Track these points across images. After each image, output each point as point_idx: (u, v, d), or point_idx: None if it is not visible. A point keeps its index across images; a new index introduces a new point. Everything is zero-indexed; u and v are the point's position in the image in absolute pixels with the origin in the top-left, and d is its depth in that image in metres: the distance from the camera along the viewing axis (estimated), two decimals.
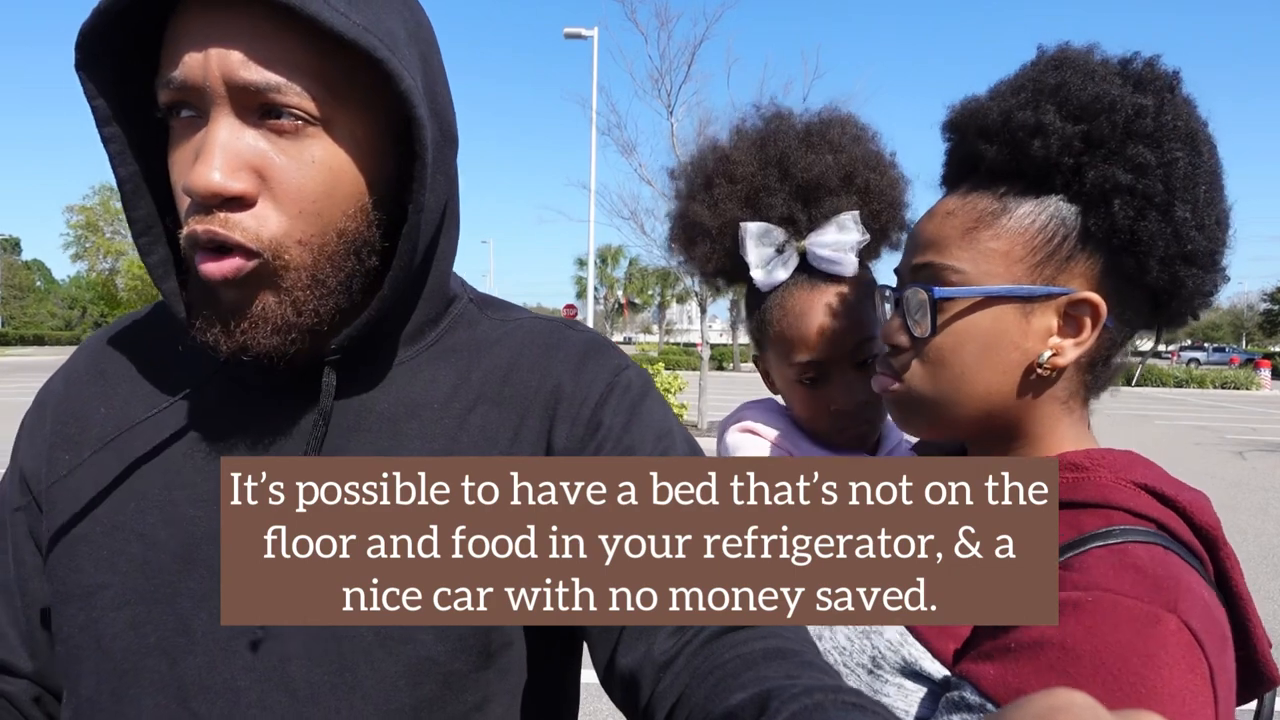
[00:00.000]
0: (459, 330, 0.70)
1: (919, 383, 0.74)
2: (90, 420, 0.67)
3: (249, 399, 0.64)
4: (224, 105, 0.54)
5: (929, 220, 0.75)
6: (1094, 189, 0.69)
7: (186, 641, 0.60)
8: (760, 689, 0.47)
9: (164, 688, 0.59)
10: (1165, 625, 0.56)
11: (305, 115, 0.55)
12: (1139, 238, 0.68)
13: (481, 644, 0.62)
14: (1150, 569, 0.60)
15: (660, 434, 0.66)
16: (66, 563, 0.63)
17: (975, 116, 0.73)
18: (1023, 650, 0.59)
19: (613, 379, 0.68)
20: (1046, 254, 0.70)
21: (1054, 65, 0.72)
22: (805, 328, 0.95)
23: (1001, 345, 0.71)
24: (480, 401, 0.66)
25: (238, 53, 0.53)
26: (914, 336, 0.74)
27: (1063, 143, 0.69)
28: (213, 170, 0.53)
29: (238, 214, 0.55)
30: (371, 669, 0.59)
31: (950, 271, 0.71)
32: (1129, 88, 0.69)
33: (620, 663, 0.58)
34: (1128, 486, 0.68)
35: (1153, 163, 0.67)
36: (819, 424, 1.00)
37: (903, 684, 0.68)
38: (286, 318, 0.58)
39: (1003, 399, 0.73)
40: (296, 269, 0.57)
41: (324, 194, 0.57)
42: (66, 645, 0.63)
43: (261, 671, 0.59)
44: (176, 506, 0.62)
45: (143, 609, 0.61)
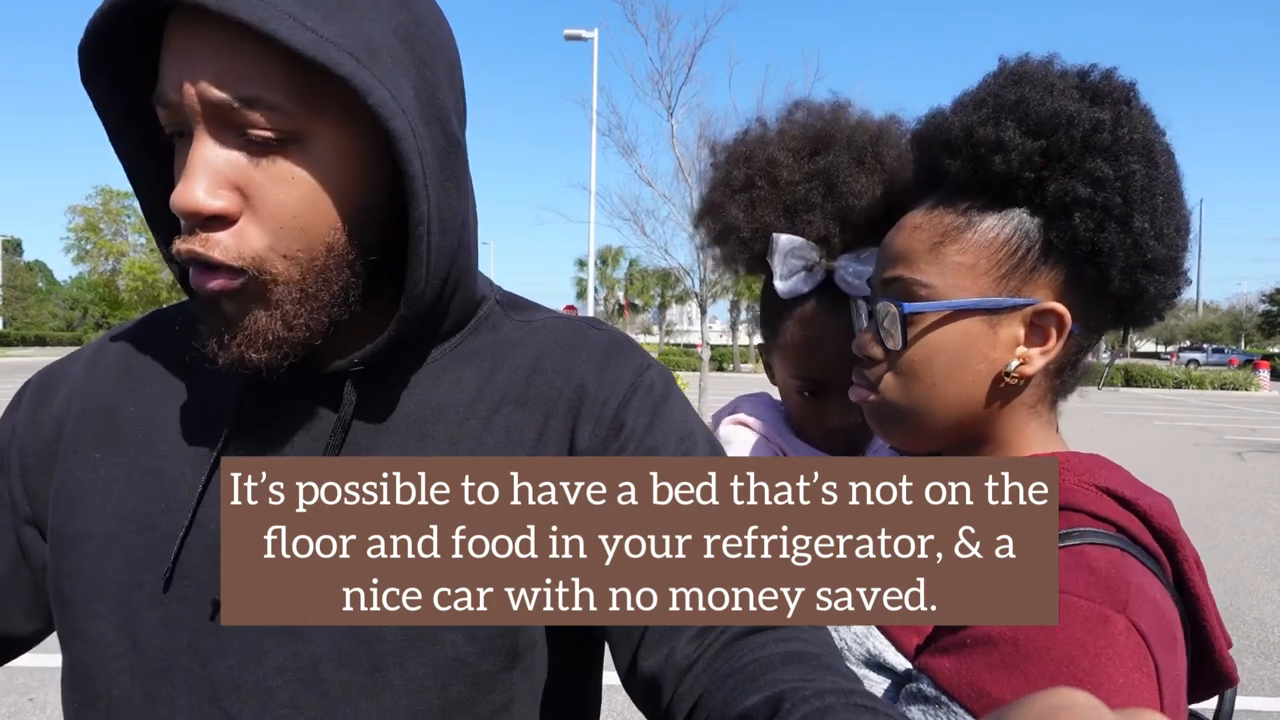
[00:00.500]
0: (483, 332, 0.70)
1: (893, 394, 0.76)
2: (119, 418, 0.67)
3: (277, 403, 0.64)
4: (201, 124, 0.54)
5: (897, 234, 0.77)
6: (1054, 202, 0.71)
7: (216, 641, 0.60)
8: (774, 691, 0.48)
9: (196, 687, 0.60)
10: (1114, 625, 0.59)
11: (280, 131, 0.55)
12: (1099, 248, 0.70)
13: (509, 644, 0.62)
14: (1104, 570, 0.62)
15: (683, 435, 0.66)
16: (98, 561, 0.63)
17: (939, 131, 0.75)
18: (977, 645, 0.61)
19: (636, 379, 0.68)
20: (1011, 266, 0.72)
21: (1013, 80, 0.73)
22: (816, 345, 0.95)
23: (970, 356, 0.73)
24: (505, 403, 0.66)
25: (208, 71, 0.53)
26: (886, 349, 0.76)
27: (1023, 158, 0.70)
28: (193, 189, 0.53)
29: (218, 233, 0.55)
30: (401, 670, 0.60)
31: (919, 285, 0.73)
32: (1086, 102, 0.71)
33: (642, 666, 0.58)
34: (1090, 490, 0.70)
35: (1110, 176, 0.69)
36: (811, 432, 1.01)
37: (866, 675, 0.70)
38: (276, 332, 0.58)
39: (973, 407, 0.75)
40: (284, 284, 0.57)
41: (306, 209, 0.57)
42: (93, 644, 0.62)
43: (293, 672, 0.59)
44: (204, 508, 0.62)
45: (176, 608, 0.61)
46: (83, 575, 0.63)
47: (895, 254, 0.76)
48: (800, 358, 0.97)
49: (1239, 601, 4.92)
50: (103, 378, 0.69)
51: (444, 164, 0.59)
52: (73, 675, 0.64)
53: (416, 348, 0.67)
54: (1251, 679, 3.82)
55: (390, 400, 0.65)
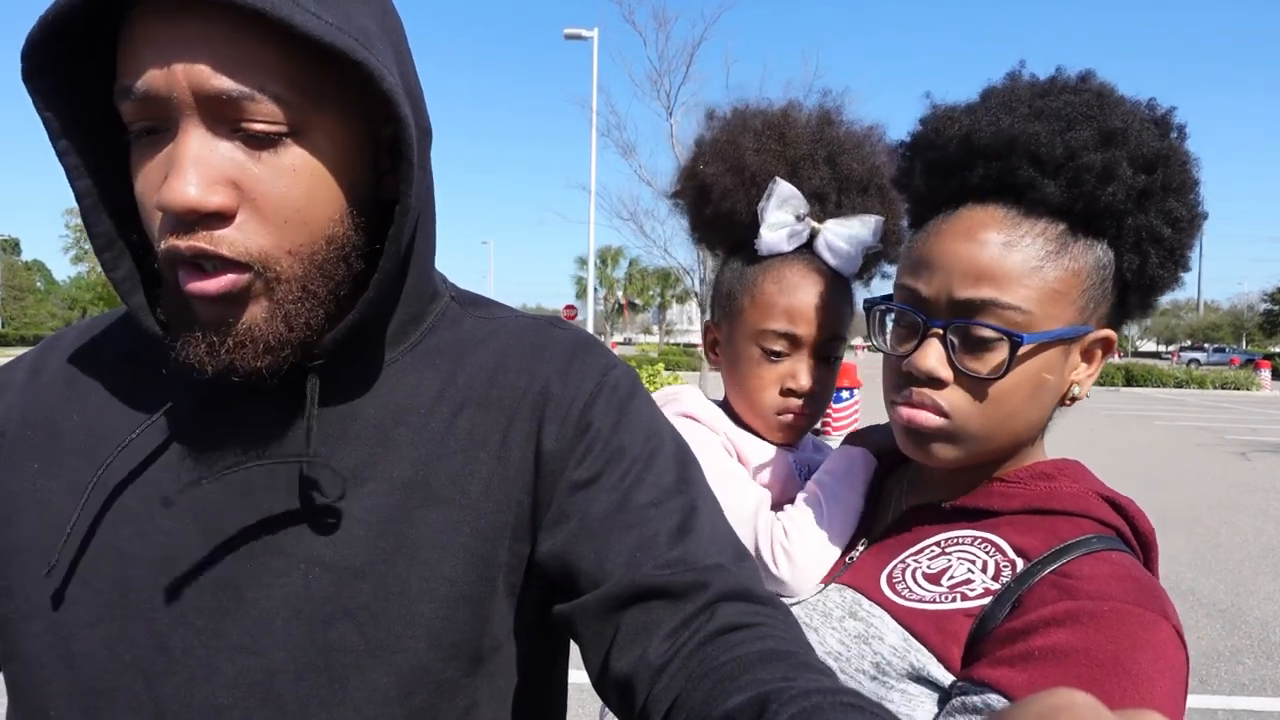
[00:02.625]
0: (442, 329, 0.68)
1: (968, 419, 0.73)
2: (61, 428, 0.63)
3: (229, 408, 0.61)
4: (193, 117, 0.51)
5: (976, 246, 0.71)
6: (1132, 236, 0.72)
7: (165, 660, 0.57)
8: (758, 691, 0.47)
9: (140, 708, 0.57)
10: (1163, 630, 0.62)
11: (280, 123, 0.52)
12: (1155, 282, 0.74)
13: (472, 649, 0.61)
14: (1140, 577, 0.66)
15: (649, 434, 0.65)
16: (31, 577, 0.59)
17: (1026, 142, 0.71)
18: (1049, 657, 0.61)
19: (601, 379, 0.66)
20: (1090, 295, 0.72)
21: (1100, 102, 0.72)
22: (793, 300, 0.96)
23: (1048, 382, 0.74)
24: (467, 405, 0.64)
25: (205, 61, 0.50)
26: (962, 371, 0.72)
27: (1128, 191, 0.70)
28: (187, 185, 0.50)
29: (220, 230, 0.53)
30: (363, 680, 0.58)
31: (1016, 312, 0.70)
32: (1171, 138, 0.72)
33: (614, 667, 0.57)
34: (1094, 497, 0.73)
35: (1184, 217, 0.72)
36: (761, 403, 0.99)
37: (907, 689, 0.68)
38: (278, 334, 0.56)
39: (1032, 432, 0.77)
40: (288, 280, 0.55)
41: (307, 202, 0.55)
42: (29, 664, 0.59)
43: (246, 688, 0.57)
44: (154, 520, 0.59)
45: (117, 626, 0.58)
46: (17, 592, 0.60)
47: (981, 271, 0.71)
48: (774, 311, 0.96)
49: (1240, 601, 4.92)
50: (44, 387, 0.66)
51: (419, 153, 0.58)
52: (13, 695, 0.61)
53: (375, 346, 0.64)
54: (1252, 679, 3.81)
55: (351, 405, 0.62)
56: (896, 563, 0.78)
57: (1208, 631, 4.41)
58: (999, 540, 0.73)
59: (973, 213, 0.73)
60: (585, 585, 0.59)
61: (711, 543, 0.61)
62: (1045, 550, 0.69)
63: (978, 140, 0.73)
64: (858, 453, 0.94)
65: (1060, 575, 0.66)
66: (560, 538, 0.61)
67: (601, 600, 0.58)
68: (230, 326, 0.55)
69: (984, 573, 0.71)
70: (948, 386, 0.73)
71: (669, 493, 0.62)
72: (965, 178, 0.75)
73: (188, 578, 0.58)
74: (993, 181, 0.74)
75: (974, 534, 0.75)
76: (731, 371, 1.03)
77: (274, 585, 0.58)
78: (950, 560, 0.74)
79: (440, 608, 0.59)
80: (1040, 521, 0.72)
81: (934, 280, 0.73)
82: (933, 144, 0.78)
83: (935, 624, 0.70)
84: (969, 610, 0.69)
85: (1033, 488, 0.75)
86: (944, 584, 0.72)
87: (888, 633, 0.71)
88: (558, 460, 0.63)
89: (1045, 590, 0.66)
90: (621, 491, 0.61)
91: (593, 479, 0.62)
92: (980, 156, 0.74)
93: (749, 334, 0.99)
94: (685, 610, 0.56)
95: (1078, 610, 0.62)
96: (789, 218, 0.97)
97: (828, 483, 0.92)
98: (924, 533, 0.79)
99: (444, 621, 0.59)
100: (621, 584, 0.57)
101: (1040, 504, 0.73)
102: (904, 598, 0.74)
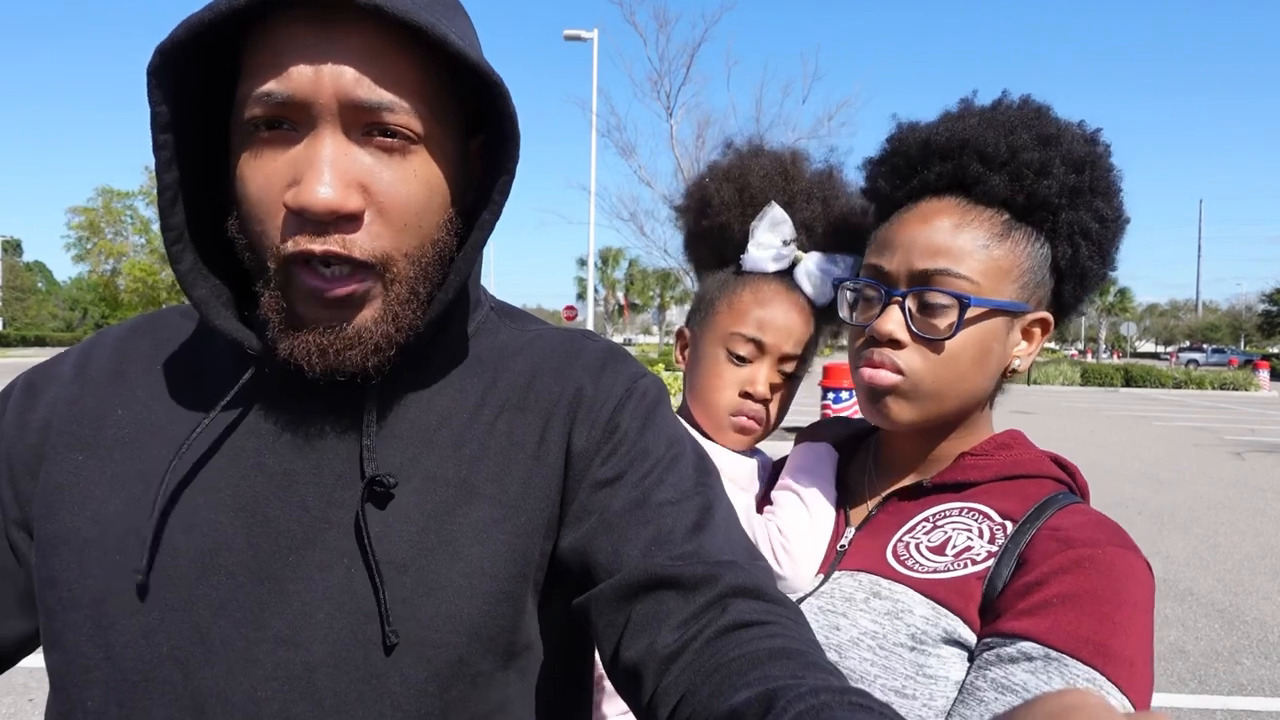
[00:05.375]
0: (483, 338, 0.71)
1: (922, 376, 0.83)
2: (106, 422, 0.64)
3: (276, 403, 0.63)
4: (332, 122, 0.54)
5: (931, 228, 0.83)
6: (1065, 229, 0.84)
7: (203, 651, 0.57)
8: (765, 688, 0.48)
9: (177, 699, 0.57)
10: (1139, 561, 0.74)
11: (411, 133, 0.56)
12: (1086, 274, 0.87)
13: (507, 642, 0.62)
14: (1108, 522, 0.78)
15: (672, 440, 0.67)
16: (74, 567, 0.60)
17: (974, 143, 0.84)
18: (1065, 602, 0.71)
19: (631, 385, 0.69)
20: (1030, 277, 0.84)
21: (1039, 115, 0.86)
22: (765, 312, 1.02)
23: (992, 351, 0.84)
24: (506, 408, 0.66)
25: (352, 71, 0.53)
26: (918, 334, 0.82)
27: (1060, 187, 0.82)
28: (327, 187, 0.53)
29: (352, 233, 0.55)
30: (400, 675, 0.58)
31: (966, 281, 0.81)
32: (1098, 147, 0.86)
33: (624, 655, 0.58)
34: (1047, 460, 0.86)
35: (1109, 216, 0.85)
36: (718, 404, 1.03)
37: (942, 652, 0.75)
38: (388, 334, 0.59)
39: (978, 397, 0.87)
40: (401, 281, 0.58)
41: (424, 207, 0.58)
42: (69, 654, 0.60)
43: (285, 680, 0.57)
44: (198, 512, 0.60)
45: (156, 616, 0.58)
46: (60, 583, 0.61)
47: (936, 247, 0.82)
48: (748, 320, 1.02)
49: (1238, 602, 4.93)
50: (91, 380, 0.67)
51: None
52: (53, 685, 0.62)
53: (422, 351, 0.66)
54: (1251, 679, 3.82)
55: (397, 404, 0.64)
56: (896, 541, 0.85)
57: (1206, 631, 4.42)
58: (984, 508, 0.83)
59: (930, 203, 0.86)
60: (601, 576, 0.61)
61: (726, 541, 0.62)
62: (1025, 510, 0.80)
63: (935, 143, 0.86)
64: (821, 446, 1.01)
65: (1051, 529, 0.77)
66: (580, 532, 0.62)
67: (615, 588, 0.59)
68: (343, 327, 0.58)
69: (981, 538, 0.80)
70: (905, 348, 0.83)
71: (687, 493, 0.64)
72: (924, 175, 0.87)
73: (230, 570, 0.59)
74: (947, 178, 0.86)
75: (960, 505, 0.85)
76: (694, 372, 1.08)
77: (316, 579, 0.59)
78: (947, 531, 0.83)
79: (481, 603, 0.60)
80: (1012, 487, 0.84)
81: (895, 257, 0.85)
82: (897, 151, 0.91)
83: (954, 589, 0.77)
84: (978, 574, 0.77)
85: (999, 458, 0.86)
86: (949, 553, 0.80)
87: (915, 604, 0.78)
88: (585, 459, 0.65)
89: (1045, 543, 0.76)
90: (642, 490, 0.63)
91: (616, 478, 0.64)
92: (936, 156, 0.86)
93: (719, 336, 1.04)
94: (696, 602, 0.57)
95: (1079, 558, 0.73)
96: (777, 241, 1.04)
97: (801, 478, 0.97)
98: (910, 510, 0.87)
99: (484, 616, 0.60)
100: (635, 573, 0.59)
101: (1009, 471, 0.85)
102: (917, 571, 0.80)
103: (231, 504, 0.60)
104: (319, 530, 0.60)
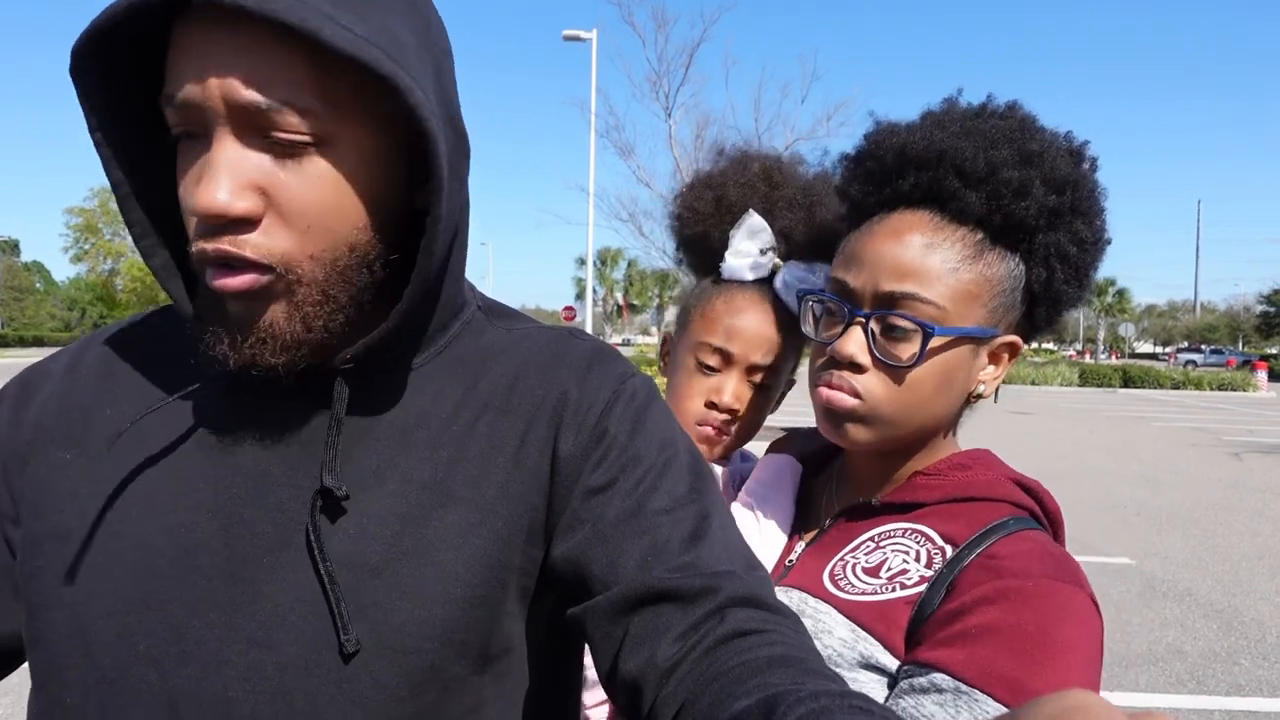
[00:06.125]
0: (467, 338, 0.70)
1: (880, 402, 0.79)
2: (95, 420, 0.65)
3: (256, 406, 0.63)
4: (225, 125, 0.53)
5: (901, 246, 0.79)
6: (1041, 252, 0.80)
7: (178, 651, 0.58)
8: (766, 694, 0.47)
9: (154, 698, 0.57)
10: (1080, 600, 0.69)
11: (308, 134, 0.54)
12: (1060, 297, 0.82)
13: (481, 648, 0.61)
14: (1054, 553, 0.73)
15: (664, 443, 0.66)
16: (55, 565, 0.61)
17: (952, 155, 0.79)
18: (984, 634, 0.67)
19: (618, 387, 0.67)
20: (1000, 301, 0.80)
21: (1024, 129, 0.81)
22: (736, 322, 1.01)
23: (956, 377, 0.81)
24: (487, 410, 0.65)
25: (238, 73, 0.52)
26: (879, 358, 0.79)
27: (1040, 208, 0.78)
28: (217, 191, 0.53)
29: (245, 234, 0.55)
30: (372, 680, 0.58)
31: (932, 307, 0.77)
32: (1083, 167, 0.81)
33: (623, 668, 0.57)
34: (1007, 482, 0.81)
35: (1089, 239, 0.81)
36: (685, 412, 1.03)
37: (857, 677, 0.72)
38: (296, 334, 0.58)
39: (938, 422, 0.83)
40: (308, 284, 0.57)
41: (331, 209, 0.56)
42: (49, 652, 0.60)
43: (256, 681, 0.57)
44: (175, 513, 0.60)
45: (133, 617, 0.58)
46: (42, 579, 0.61)
47: (904, 268, 0.78)
48: (716, 329, 1.01)
49: (1237, 602, 4.93)
50: (81, 379, 0.68)
51: (453, 161, 0.60)
52: (34, 682, 0.62)
53: (401, 351, 0.66)
54: (1249, 679, 3.82)
55: (374, 407, 0.64)
56: (836, 560, 0.82)
57: (1204, 632, 4.42)
58: (927, 530, 0.79)
59: (902, 216, 0.81)
60: (597, 588, 0.60)
61: (724, 550, 0.61)
62: (970, 535, 0.76)
63: (911, 151, 0.81)
64: (784, 459, 0.99)
65: (986, 557, 0.73)
66: (574, 542, 0.62)
67: (612, 602, 0.58)
68: (252, 323, 0.57)
69: (918, 561, 0.77)
70: (866, 372, 0.80)
71: (682, 501, 0.63)
72: (898, 185, 0.82)
73: (206, 572, 0.59)
74: (922, 190, 0.81)
75: (904, 526, 0.81)
76: (670, 380, 1.08)
77: (289, 581, 0.59)
78: (886, 553, 0.80)
79: (453, 608, 0.60)
80: (962, 509, 0.79)
81: (861, 274, 0.80)
82: (872, 155, 0.86)
83: (878, 613, 0.74)
84: (908, 598, 0.74)
85: (952, 478, 0.82)
86: (883, 575, 0.77)
87: (836, 626, 0.75)
88: (573, 465, 0.64)
89: (975, 573, 0.72)
90: (636, 498, 0.62)
91: (608, 485, 0.63)
92: (912, 166, 0.81)
93: (690, 345, 1.04)
94: (695, 614, 0.57)
95: (1005, 589, 0.69)
96: (754, 249, 1.03)
97: (759, 491, 0.96)
98: (857, 529, 0.85)
99: (456, 621, 0.60)
100: (632, 586, 0.58)
101: (960, 493, 0.81)
102: (847, 592, 0.78)
103: (209, 505, 0.60)
104: (292, 533, 0.59)
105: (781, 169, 1.09)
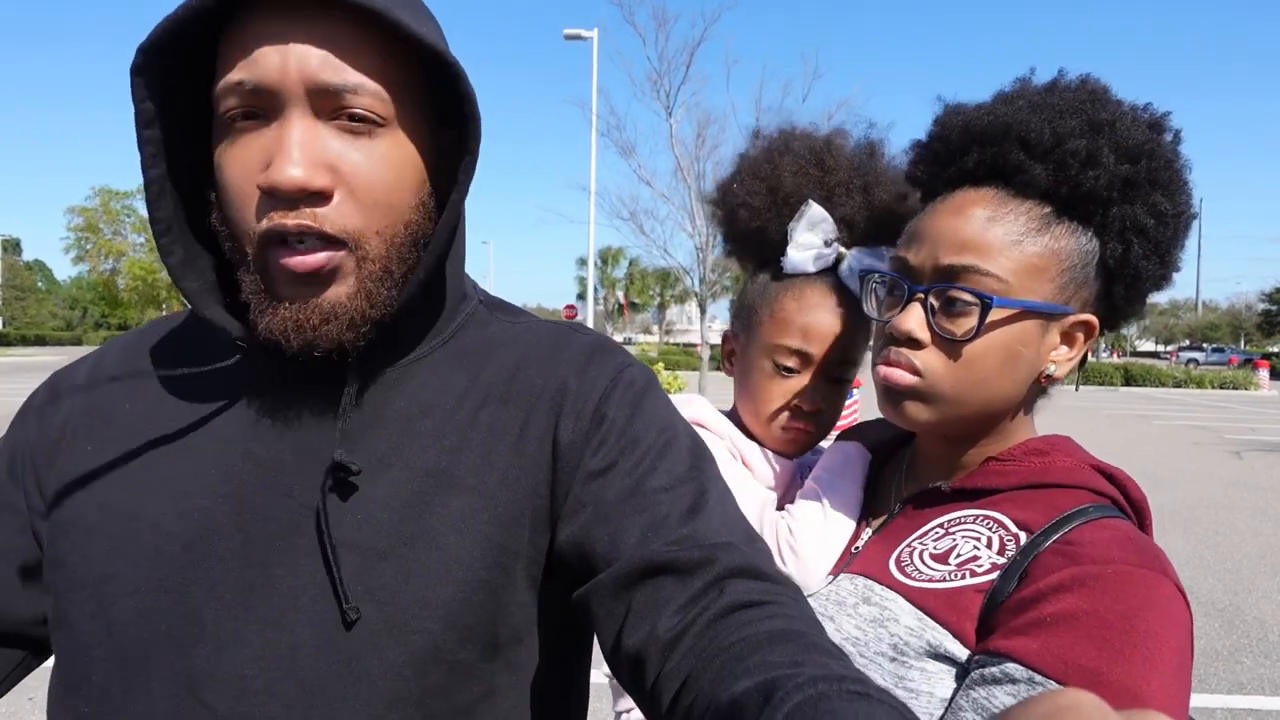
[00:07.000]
0: (470, 330, 0.72)
1: (940, 379, 0.77)
2: (115, 413, 0.68)
3: (268, 396, 0.65)
4: (301, 106, 0.57)
5: (962, 220, 0.77)
6: (1116, 225, 0.76)
7: (196, 631, 0.60)
8: (765, 677, 0.48)
9: (174, 677, 0.60)
10: (1166, 587, 0.65)
11: (376, 116, 0.59)
12: (1140, 274, 0.78)
13: (488, 635, 0.63)
14: (1138, 540, 0.69)
15: (663, 427, 0.67)
16: (79, 550, 0.64)
17: (1017, 129, 0.77)
18: (1060, 622, 0.64)
19: (616, 375, 0.69)
20: (1070, 276, 0.76)
21: (1095, 98, 0.77)
22: (810, 319, 0.98)
23: (1022, 355, 0.77)
24: (489, 400, 0.67)
25: (316, 56, 0.56)
26: (938, 333, 0.77)
27: (1110, 179, 0.75)
28: (295, 166, 0.56)
29: (321, 208, 0.58)
30: (379, 659, 0.60)
31: (993, 280, 0.74)
32: (1161, 136, 0.77)
33: (626, 643, 0.58)
34: (1087, 469, 0.78)
35: (1168, 211, 0.76)
36: (767, 415, 1.01)
37: (926, 667, 0.71)
38: (362, 310, 0.61)
39: (1005, 403, 0.79)
40: (373, 260, 0.61)
41: (394, 187, 0.61)
42: (73, 633, 0.63)
43: (270, 660, 0.59)
44: (190, 498, 0.63)
45: (152, 598, 0.61)
46: (66, 564, 0.64)
47: (965, 241, 0.76)
48: (791, 329, 0.98)
49: (1238, 601, 4.93)
50: (102, 379, 0.71)
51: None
52: (58, 660, 0.65)
53: (407, 339, 0.68)
54: (1251, 678, 3.82)
55: (381, 396, 0.66)
56: (903, 547, 0.80)
57: (1206, 631, 4.42)
58: (1001, 516, 0.76)
59: (966, 193, 0.79)
60: (600, 566, 0.61)
61: (721, 523, 0.63)
62: (1046, 522, 0.72)
63: (975, 128, 0.80)
64: (852, 447, 0.97)
65: (1063, 543, 0.69)
66: (577, 525, 0.63)
67: (614, 578, 0.60)
68: (318, 302, 0.60)
69: (990, 548, 0.74)
70: (925, 348, 0.78)
71: (681, 479, 0.64)
72: (962, 163, 0.81)
73: (221, 555, 0.61)
74: (986, 166, 0.79)
75: (976, 512, 0.78)
76: (743, 382, 1.04)
77: (301, 564, 0.61)
78: (955, 539, 0.77)
79: (456, 590, 0.62)
80: (1039, 495, 0.76)
81: (922, 250, 0.79)
82: (939, 136, 0.84)
83: (947, 601, 0.72)
84: (979, 586, 0.71)
85: (1028, 464, 0.79)
86: (952, 562, 0.75)
87: (902, 614, 0.74)
88: (574, 451, 0.65)
89: (1050, 559, 0.69)
90: (635, 478, 0.64)
91: (608, 468, 0.64)
92: (976, 142, 0.80)
93: (764, 348, 1.01)
94: (693, 586, 0.58)
95: (1083, 575, 0.65)
96: (818, 240, 0.99)
97: (825, 478, 0.94)
98: (927, 516, 0.82)
99: (459, 604, 0.62)
100: (632, 561, 0.59)
101: (1037, 479, 0.77)
102: (914, 579, 0.76)
103: (222, 491, 0.63)
104: (303, 517, 0.62)
105: (831, 150, 1.04)
